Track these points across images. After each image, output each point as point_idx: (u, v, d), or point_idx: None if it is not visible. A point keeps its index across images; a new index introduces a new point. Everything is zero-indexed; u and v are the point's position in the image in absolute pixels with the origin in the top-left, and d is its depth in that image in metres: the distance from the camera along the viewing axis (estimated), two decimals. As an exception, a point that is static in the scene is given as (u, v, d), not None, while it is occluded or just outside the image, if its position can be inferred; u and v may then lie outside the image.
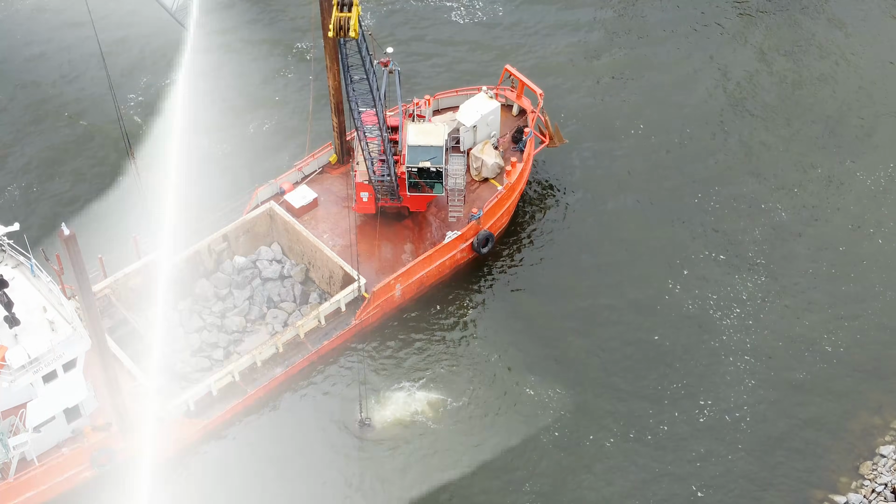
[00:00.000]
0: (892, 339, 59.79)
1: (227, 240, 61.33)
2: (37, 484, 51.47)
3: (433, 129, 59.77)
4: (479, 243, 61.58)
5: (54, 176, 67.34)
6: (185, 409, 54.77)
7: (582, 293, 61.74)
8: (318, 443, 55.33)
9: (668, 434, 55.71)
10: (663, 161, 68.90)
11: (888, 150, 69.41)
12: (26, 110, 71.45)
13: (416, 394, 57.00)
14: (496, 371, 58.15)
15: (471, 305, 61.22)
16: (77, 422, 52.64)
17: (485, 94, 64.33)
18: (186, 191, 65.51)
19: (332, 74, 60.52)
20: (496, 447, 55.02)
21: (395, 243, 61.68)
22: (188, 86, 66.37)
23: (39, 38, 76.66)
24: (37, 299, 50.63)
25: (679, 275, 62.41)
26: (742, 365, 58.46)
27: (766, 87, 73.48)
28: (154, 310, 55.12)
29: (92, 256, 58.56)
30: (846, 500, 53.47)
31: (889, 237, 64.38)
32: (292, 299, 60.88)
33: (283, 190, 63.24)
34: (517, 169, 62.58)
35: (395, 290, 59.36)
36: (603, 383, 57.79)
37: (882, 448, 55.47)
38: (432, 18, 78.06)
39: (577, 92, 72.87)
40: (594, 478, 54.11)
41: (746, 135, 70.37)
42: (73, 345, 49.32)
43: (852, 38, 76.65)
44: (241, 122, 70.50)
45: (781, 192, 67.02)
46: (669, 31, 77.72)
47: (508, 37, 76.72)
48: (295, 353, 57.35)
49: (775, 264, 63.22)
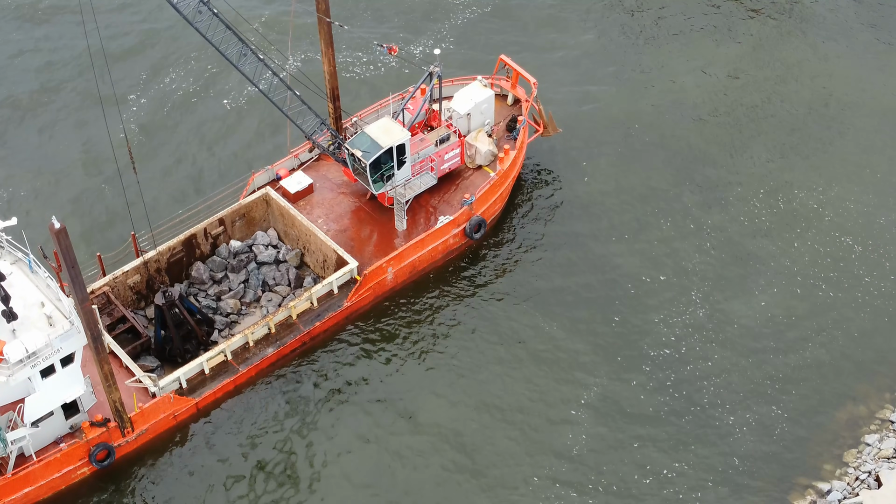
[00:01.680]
0: (879, 329, 60.17)
1: (223, 224, 62.13)
2: (35, 479, 52.10)
3: (396, 131, 60.02)
4: (471, 229, 62.24)
5: (55, 173, 68.16)
6: (177, 387, 55.58)
7: (577, 275, 62.33)
8: (306, 421, 56.08)
9: (651, 417, 56.23)
10: (658, 153, 69.56)
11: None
12: (27, 108, 72.36)
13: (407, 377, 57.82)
14: (486, 353, 58.77)
15: (463, 290, 61.87)
16: (75, 417, 53.30)
17: (479, 83, 65.07)
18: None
19: (328, 60, 61.24)
20: (485, 431, 55.70)
21: (388, 228, 62.39)
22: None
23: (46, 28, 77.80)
24: (35, 294, 50.93)
25: (663, 264, 63.06)
26: (726, 353, 58.93)
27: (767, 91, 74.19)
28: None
29: (91, 254, 59.52)
30: (830, 486, 53.81)
31: (880, 227, 64.90)
32: (287, 283, 61.68)
33: (279, 176, 64.04)
34: (510, 156, 63.23)
35: (388, 273, 60.08)
36: (596, 362, 58.41)
37: (867, 437, 55.81)
38: (428, 8, 78.93)
39: (573, 83, 73.57)
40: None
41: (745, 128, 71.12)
42: (70, 340, 49.76)
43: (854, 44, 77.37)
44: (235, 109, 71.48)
45: (781, 190, 67.66)
46: (671, 32, 78.45)
47: (504, 27, 77.49)
48: (287, 334, 58.11)
49: (765, 256, 63.73)
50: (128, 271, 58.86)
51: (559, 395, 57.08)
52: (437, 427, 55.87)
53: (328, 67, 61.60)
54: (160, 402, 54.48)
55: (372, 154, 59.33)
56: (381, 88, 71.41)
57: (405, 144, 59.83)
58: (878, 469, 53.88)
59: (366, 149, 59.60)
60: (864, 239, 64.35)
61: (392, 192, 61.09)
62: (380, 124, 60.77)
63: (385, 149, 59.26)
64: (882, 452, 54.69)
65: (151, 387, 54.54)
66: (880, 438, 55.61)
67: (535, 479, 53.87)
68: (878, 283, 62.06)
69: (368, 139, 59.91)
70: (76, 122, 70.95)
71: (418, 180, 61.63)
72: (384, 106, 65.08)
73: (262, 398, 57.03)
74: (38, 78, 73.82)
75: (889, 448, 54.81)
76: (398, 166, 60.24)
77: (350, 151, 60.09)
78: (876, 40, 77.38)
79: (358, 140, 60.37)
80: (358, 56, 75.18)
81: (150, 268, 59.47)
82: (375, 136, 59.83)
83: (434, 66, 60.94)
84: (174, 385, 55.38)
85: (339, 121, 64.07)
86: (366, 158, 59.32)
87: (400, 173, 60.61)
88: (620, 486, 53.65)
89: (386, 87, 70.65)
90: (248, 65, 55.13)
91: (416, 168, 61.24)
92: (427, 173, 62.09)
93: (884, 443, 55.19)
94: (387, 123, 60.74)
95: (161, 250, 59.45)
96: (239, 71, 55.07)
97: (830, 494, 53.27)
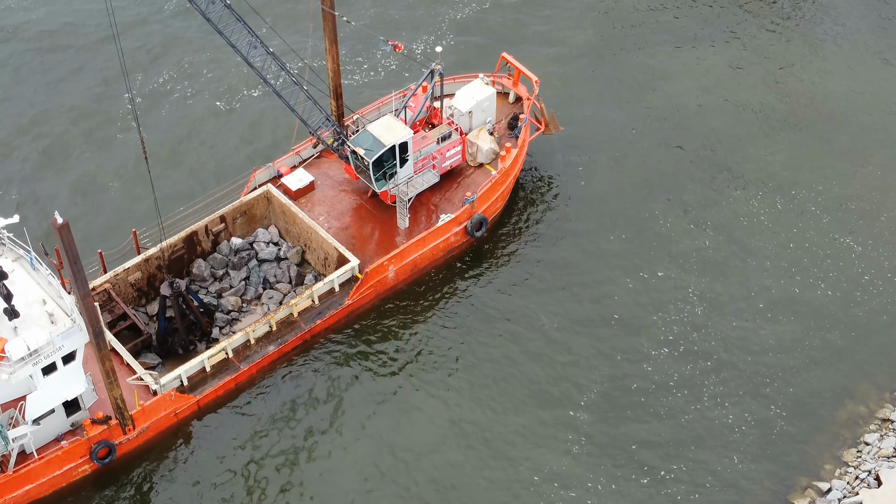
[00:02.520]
0: (878, 327, 60.31)
1: (224, 221, 62.09)
2: (36, 477, 52.10)
3: (399, 129, 60.09)
4: (472, 227, 62.28)
5: (56, 170, 68.04)
6: (178, 385, 55.58)
7: (577, 275, 62.40)
8: (306, 419, 56.13)
9: (651, 417, 56.36)
10: (658, 152, 69.63)
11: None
12: (28, 105, 72.20)
13: (408, 374, 57.85)
14: (487, 352, 58.84)
15: (465, 288, 61.91)
16: (76, 415, 53.31)
17: (481, 81, 65.07)
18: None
19: (331, 57, 61.22)
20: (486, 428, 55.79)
21: (390, 226, 62.40)
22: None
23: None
24: (36, 292, 50.83)
25: (662, 263, 63.20)
26: (725, 352, 59.04)
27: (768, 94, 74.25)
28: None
29: (92, 251, 59.42)
30: (830, 486, 53.91)
31: (878, 226, 65.04)
32: (288, 281, 61.67)
33: (280, 173, 64.02)
34: (511, 154, 63.26)
35: (389, 271, 60.10)
36: (596, 362, 58.47)
37: (867, 436, 55.94)
38: (431, 6, 78.92)
39: (575, 84, 73.61)
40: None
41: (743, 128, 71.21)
42: (72, 337, 49.70)
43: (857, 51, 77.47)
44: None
45: (780, 187, 67.75)
46: (672, 33, 78.49)
47: (507, 25, 77.47)
48: (288, 332, 58.12)
49: (764, 255, 63.85)
50: (129, 268, 58.83)
51: (558, 395, 57.12)
52: (437, 426, 55.88)
53: (331, 65, 61.57)
54: (161, 400, 54.48)
55: (375, 152, 59.29)
56: (383, 86, 71.38)
57: (408, 142, 59.81)
58: (878, 468, 54.00)
59: (368, 147, 59.57)
60: (863, 238, 64.49)
61: (394, 190, 61.09)
62: (382, 122, 60.73)
63: (388, 147, 59.25)
64: (882, 451, 54.83)
65: (153, 384, 54.55)
66: (880, 437, 55.74)
67: (535, 478, 53.95)
68: (877, 282, 62.20)
69: (371, 137, 59.87)
70: (77, 120, 70.99)
71: (420, 178, 61.64)
72: (385, 104, 65.07)
73: (263, 396, 57.05)
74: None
75: (889, 447, 54.96)
76: (401, 164, 60.24)
77: (353, 149, 60.06)
78: (876, 39, 77.47)
79: (360, 138, 60.33)
80: (360, 52, 75.19)
81: (152, 265, 59.47)
82: (378, 135, 59.79)
83: (435, 64, 60.94)
84: (175, 383, 55.38)
85: (342, 118, 64.06)
86: (368, 156, 59.27)
87: (402, 171, 60.60)
88: (619, 487, 53.70)
89: (388, 85, 70.60)
90: (257, 56, 55.22)
91: (419, 166, 61.25)
92: (429, 171, 62.08)
93: (883, 442, 55.33)
94: (389, 121, 60.70)
95: (162, 247, 59.43)
96: (247, 63, 55.17)
97: (830, 494, 53.39)
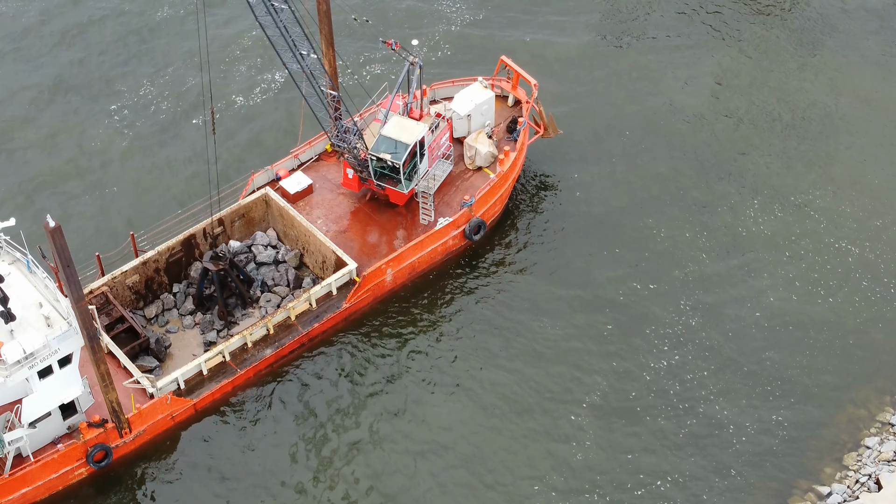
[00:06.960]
0: (877, 332, 60.11)
1: (222, 224, 61.94)
2: (32, 480, 51.91)
3: (413, 126, 60.31)
4: (471, 230, 62.16)
5: (54, 172, 67.89)
6: (175, 388, 55.37)
7: (575, 279, 62.23)
8: (303, 423, 55.93)
9: (651, 421, 56.15)
10: (657, 156, 69.52)
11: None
12: (30, 104, 72.21)
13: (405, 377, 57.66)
14: (485, 356, 58.65)
15: (463, 291, 61.75)
16: (73, 418, 53.15)
17: (480, 84, 65.00)
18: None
19: (328, 60, 61.16)
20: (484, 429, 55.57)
21: (388, 230, 62.27)
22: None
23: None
24: (33, 295, 50.75)
25: (661, 267, 62.95)
26: (725, 357, 58.87)
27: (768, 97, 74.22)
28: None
29: (90, 254, 59.30)
30: (830, 490, 53.73)
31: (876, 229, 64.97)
32: (286, 284, 61.50)
33: (278, 176, 63.91)
34: (510, 157, 63.16)
35: (387, 274, 59.94)
36: (596, 366, 58.29)
37: (867, 440, 55.76)
38: (430, 8, 78.87)
39: (573, 86, 73.52)
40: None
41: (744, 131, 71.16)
42: (68, 340, 49.62)
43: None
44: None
45: (778, 186, 67.65)
46: (673, 36, 78.48)
47: (505, 29, 77.43)
48: (285, 335, 57.94)
49: (763, 260, 63.71)
50: (126, 271, 58.67)
51: (559, 398, 56.95)
52: (436, 429, 55.69)
53: (328, 68, 61.50)
54: (158, 403, 54.29)
55: (401, 154, 59.39)
56: (379, 89, 71.24)
57: (425, 137, 60.23)
58: (879, 472, 53.82)
59: (393, 150, 59.53)
60: (861, 242, 64.32)
61: (420, 187, 61.29)
62: (394, 124, 60.62)
63: (411, 146, 59.43)
64: (882, 455, 54.64)
65: (149, 387, 54.35)
66: (880, 441, 55.55)
67: (535, 480, 53.76)
68: (875, 287, 62.04)
69: (392, 141, 59.84)
70: (79, 121, 70.86)
71: (437, 169, 62.02)
72: (382, 106, 64.90)
73: (260, 399, 56.85)
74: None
75: (889, 451, 54.76)
76: (420, 159, 60.57)
77: (377, 156, 59.82)
78: (876, 45, 77.36)
79: (380, 144, 60.17)
80: (356, 57, 75.23)
81: (149, 268, 59.32)
82: (397, 137, 59.80)
83: (413, 57, 60.69)
84: (172, 386, 55.19)
85: (338, 122, 63.80)
86: (396, 159, 59.25)
87: (422, 166, 60.94)
88: (620, 490, 53.51)
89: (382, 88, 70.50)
90: (295, 63, 55.08)
91: (431, 158, 61.66)
92: (441, 160, 62.48)
93: (884, 445, 55.14)
94: (400, 121, 60.65)
95: (160, 250, 59.27)
96: (287, 69, 55.28)
97: (830, 497, 53.18)
